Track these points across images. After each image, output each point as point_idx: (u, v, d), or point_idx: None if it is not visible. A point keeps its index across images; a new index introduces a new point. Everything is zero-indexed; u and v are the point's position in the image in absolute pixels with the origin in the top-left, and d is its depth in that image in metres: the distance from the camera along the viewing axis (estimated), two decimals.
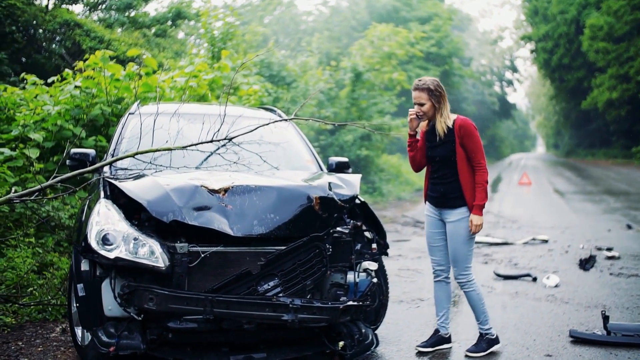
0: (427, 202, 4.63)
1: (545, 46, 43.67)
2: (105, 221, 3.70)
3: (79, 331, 4.08)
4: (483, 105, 47.87)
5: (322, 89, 13.71)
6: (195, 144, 4.63)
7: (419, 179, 21.72)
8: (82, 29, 15.49)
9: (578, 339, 4.77)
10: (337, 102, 17.96)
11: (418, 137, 4.53)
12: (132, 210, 3.90)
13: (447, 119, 4.33)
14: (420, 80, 4.38)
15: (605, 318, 4.84)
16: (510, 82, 56.68)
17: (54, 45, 15.59)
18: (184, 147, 4.59)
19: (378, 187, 17.65)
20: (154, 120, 4.72)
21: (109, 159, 4.63)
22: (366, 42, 19.88)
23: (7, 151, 6.69)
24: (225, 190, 3.86)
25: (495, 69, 54.39)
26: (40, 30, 15.69)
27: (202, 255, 3.69)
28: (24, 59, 15.39)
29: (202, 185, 3.86)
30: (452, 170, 4.37)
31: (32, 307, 5.22)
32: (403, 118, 20.72)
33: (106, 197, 3.94)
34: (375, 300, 4.21)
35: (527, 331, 5.04)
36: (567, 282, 6.82)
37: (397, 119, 19.74)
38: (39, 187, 4.30)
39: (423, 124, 4.46)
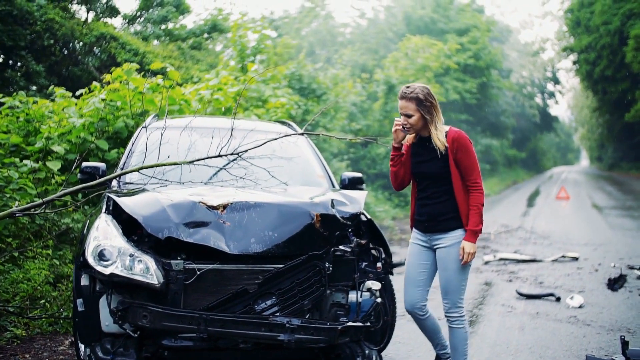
0: (413, 228, 4.12)
1: (588, 57, 42.73)
2: (104, 236, 3.69)
3: (82, 345, 4.08)
4: (523, 118, 47.11)
5: (332, 104, 13.59)
6: (203, 159, 4.60)
7: None
8: (118, 41, 15.76)
9: None
10: (370, 115, 17.86)
11: (403, 150, 4.04)
12: (134, 225, 3.89)
13: (442, 132, 3.86)
14: (408, 88, 3.88)
15: (625, 343, 4.63)
16: (552, 94, 55.69)
17: (90, 58, 15.89)
18: (190, 162, 4.57)
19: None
20: (161, 135, 4.71)
21: (117, 172, 4.65)
22: (400, 54, 19.76)
23: (30, 163, 6.81)
24: (224, 206, 3.81)
25: (537, 81, 53.50)
26: (81, 44, 16.03)
27: (198, 273, 3.65)
28: (64, 71, 15.74)
29: (200, 202, 3.82)
30: (444, 189, 3.91)
31: (43, 319, 5.26)
32: None
33: (107, 211, 3.93)
34: (379, 321, 4.09)
35: (543, 355, 4.86)
36: (592, 303, 6.58)
37: None
38: (40, 201, 4.33)
39: (409, 137, 4.01)
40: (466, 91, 28.26)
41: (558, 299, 6.67)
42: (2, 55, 14.42)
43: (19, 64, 14.55)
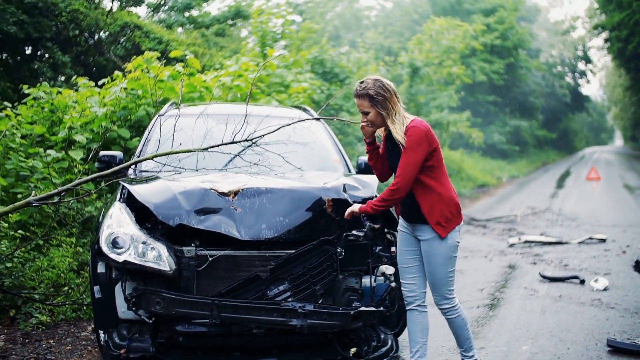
0: (400, 216, 3.96)
1: (620, 35, 41.72)
2: (117, 224, 3.74)
3: (100, 331, 4.15)
4: (553, 98, 46.31)
5: (348, 88, 13.46)
6: (216, 145, 4.61)
7: (482, 174, 21.24)
8: (142, 30, 15.87)
9: (616, 349, 4.51)
10: None
11: (379, 143, 3.87)
12: (148, 213, 3.92)
13: (402, 125, 3.62)
14: (361, 84, 3.69)
15: None
16: (583, 74, 54.60)
17: (114, 48, 16.03)
18: (204, 149, 4.58)
19: None
20: (175, 123, 4.73)
21: (132, 160, 4.69)
22: (424, 36, 19.56)
23: (54, 153, 6.91)
24: (235, 193, 3.83)
25: (567, 60, 52.49)
26: (106, 33, 16.18)
27: (210, 259, 3.68)
28: (90, 61, 15.92)
29: (211, 188, 3.84)
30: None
31: (66, 306, 5.35)
32: (460, 112, 20.28)
33: (122, 200, 3.98)
34: (394, 305, 4.07)
35: (563, 339, 4.80)
36: (617, 286, 6.47)
37: (455, 113, 19.30)
38: (56, 190, 4.40)
39: (380, 130, 3.81)
40: (493, 72, 27.90)
41: (582, 282, 6.58)
42: (29, 47, 14.63)
43: (46, 55, 14.75)
